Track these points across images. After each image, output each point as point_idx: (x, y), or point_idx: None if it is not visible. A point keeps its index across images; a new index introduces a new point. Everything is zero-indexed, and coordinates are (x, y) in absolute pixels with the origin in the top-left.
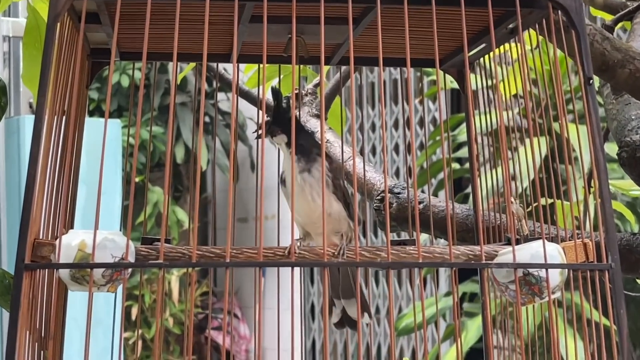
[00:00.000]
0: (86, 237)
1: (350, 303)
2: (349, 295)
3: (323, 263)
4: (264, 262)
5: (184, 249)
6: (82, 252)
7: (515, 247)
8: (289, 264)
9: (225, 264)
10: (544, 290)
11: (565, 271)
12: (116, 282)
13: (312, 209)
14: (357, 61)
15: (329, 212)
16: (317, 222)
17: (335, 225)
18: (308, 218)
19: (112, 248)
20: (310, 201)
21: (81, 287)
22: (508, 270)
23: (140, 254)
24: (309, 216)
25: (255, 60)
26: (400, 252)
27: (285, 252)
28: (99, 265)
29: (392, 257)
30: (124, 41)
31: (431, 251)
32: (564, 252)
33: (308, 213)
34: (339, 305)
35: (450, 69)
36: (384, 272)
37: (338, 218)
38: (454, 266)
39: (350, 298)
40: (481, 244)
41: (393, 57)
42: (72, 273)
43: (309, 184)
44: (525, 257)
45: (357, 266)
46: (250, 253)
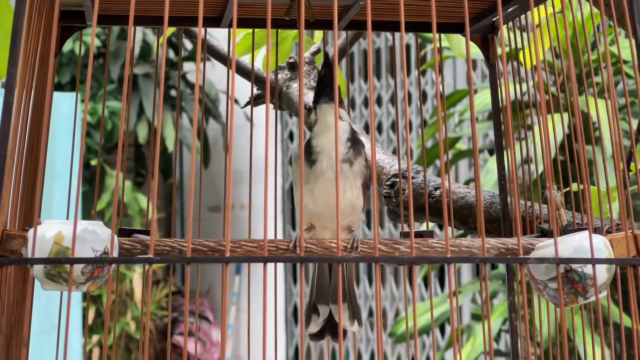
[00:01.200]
0: (63, 228)
1: (343, 308)
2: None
3: (337, 258)
4: (269, 257)
5: (174, 242)
6: (59, 246)
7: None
8: (296, 259)
9: (224, 259)
10: (589, 289)
11: (612, 267)
12: (97, 279)
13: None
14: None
15: (354, 205)
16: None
17: (354, 220)
18: (327, 210)
19: (93, 240)
20: (340, 194)
21: (57, 286)
22: (548, 266)
23: (124, 248)
24: (329, 209)
25: (250, 24)
26: (422, 246)
27: (291, 246)
28: (80, 261)
29: (414, 251)
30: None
31: (457, 244)
32: (611, 245)
33: (330, 205)
34: (324, 312)
35: (473, 34)
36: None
37: (359, 212)
38: (485, 261)
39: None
40: (518, 235)
41: (409, 21)
42: (47, 269)
43: (345, 176)
44: (567, 251)
45: (376, 261)
46: (250, 246)
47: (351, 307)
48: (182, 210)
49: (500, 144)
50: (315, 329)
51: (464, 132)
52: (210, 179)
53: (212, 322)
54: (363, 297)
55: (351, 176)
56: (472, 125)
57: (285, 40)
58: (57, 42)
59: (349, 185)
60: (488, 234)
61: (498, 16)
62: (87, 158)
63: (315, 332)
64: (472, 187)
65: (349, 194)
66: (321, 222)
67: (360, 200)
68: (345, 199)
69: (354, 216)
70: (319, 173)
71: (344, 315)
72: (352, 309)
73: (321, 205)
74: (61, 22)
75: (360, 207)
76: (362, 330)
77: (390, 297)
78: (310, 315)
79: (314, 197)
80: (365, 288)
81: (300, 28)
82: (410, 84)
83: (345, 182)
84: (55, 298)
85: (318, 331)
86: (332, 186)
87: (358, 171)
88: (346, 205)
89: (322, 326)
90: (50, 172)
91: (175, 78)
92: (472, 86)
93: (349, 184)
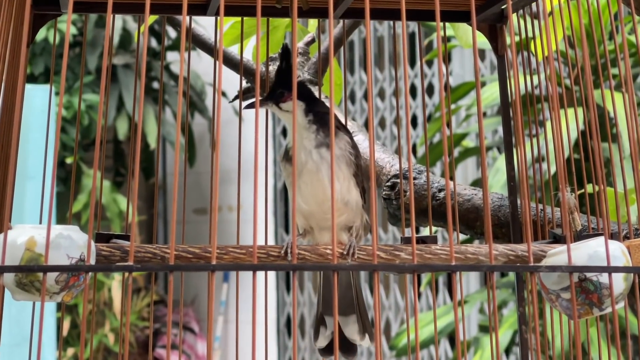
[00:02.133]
0: (35, 233)
1: (349, 321)
2: (348, 310)
3: (331, 266)
4: (259, 265)
5: (155, 248)
6: (31, 252)
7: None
8: (288, 267)
9: (210, 267)
10: (605, 299)
11: (630, 276)
12: (73, 289)
13: (326, 195)
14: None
15: (347, 200)
16: (329, 212)
17: (349, 218)
18: (318, 206)
19: (68, 247)
20: (326, 185)
21: (29, 296)
22: (560, 274)
23: (102, 254)
24: (319, 204)
25: (238, 12)
26: (424, 253)
27: (282, 252)
28: (54, 269)
29: (416, 258)
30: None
31: (462, 251)
32: (629, 252)
33: (320, 200)
34: (331, 323)
35: (480, 24)
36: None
37: (355, 209)
38: (493, 270)
39: (349, 314)
40: (528, 241)
41: (411, 9)
42: (19, 278)
43: (327, 163)
44: (581, 259)
45: (375, 270)
46: (239, 253)
47: (361, 320)
48: (165, 212)
49: (510, 142)
50: (324, 342)
51: (471, 128)
52: (195, 178)
53: (198, 334)
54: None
55: (337, 168)
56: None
57: (277, 29)
58: (29, 31)
59: (336, 177)
60: (496, 239)
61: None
62: (62, 156)
63: (324, 346)
64: (479, 188)
65: (337, 185)
66: (315, 222)
67: (354, 194)
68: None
69: (349, 213)
70: (301, 167)
71: (353, 328)
72: (362, 322)
73: (310, 201)
74: (34, 9)
75: (355, 202)
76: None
77: (394, 307)
78: (319, 328)
79: (302, 193)
80: (367, 297)
81: (293, 16)
82: (416, 76)
83: (328, 170)
84: (28, 308)
85: (327, 345)
86: (316, 177)
87: (339, 155)
88: (336, 199)
89: (332, 339)
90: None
91: (157, 69)
92: (479, 79)
93: (335, 176)
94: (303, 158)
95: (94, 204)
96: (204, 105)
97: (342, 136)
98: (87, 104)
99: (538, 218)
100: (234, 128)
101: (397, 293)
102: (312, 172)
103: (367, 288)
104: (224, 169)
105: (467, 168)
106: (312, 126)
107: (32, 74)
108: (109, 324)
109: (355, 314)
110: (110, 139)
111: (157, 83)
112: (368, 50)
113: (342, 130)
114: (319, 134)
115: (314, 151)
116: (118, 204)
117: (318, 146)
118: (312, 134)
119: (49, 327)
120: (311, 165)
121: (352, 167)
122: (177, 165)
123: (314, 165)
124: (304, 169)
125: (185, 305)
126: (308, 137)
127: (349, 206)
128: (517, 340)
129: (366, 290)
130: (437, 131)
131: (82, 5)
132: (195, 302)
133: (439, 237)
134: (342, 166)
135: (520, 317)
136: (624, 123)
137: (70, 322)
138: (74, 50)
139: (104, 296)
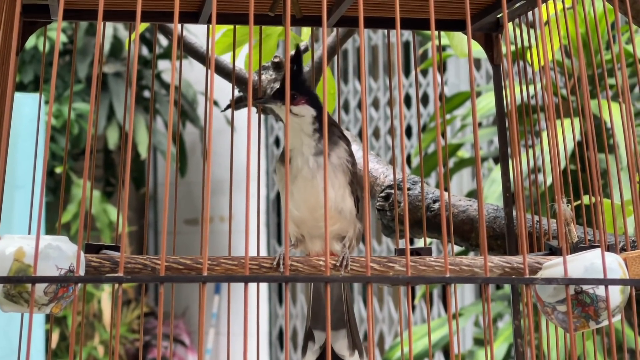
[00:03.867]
0: (24, 243)
1: (338, 335)
2: (338, 324)
3: (324, 278)
4: (251, 276)
5: (146, 259)
6: (20, 263)
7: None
8: (280, 278)
9: (201, 279)
10: (601, 312)
11: (627, 289)
12: (62, 300)
13: (319, 202)
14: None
15: (340, 208)
16: (321, 220)
17: (343, 227)
18: (310, 214)
19: (57, 257)
20: (319, 192)
21: (17, 307)
22: (556, 287)
23: (91, 265)
24: (312, 212)
25: (231, 20)
26: (419, 264)
27: (274, 264)
28: (42, 280)
29: (410, 270)
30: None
31: (457, 263)
32: (626, 264)
33: (312, 206)
34: (320, 338)
35: (476, 32)
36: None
37: (349, 217)
38: (488, 282)
39: (339, 329)
40: (524, 253)
41: (406, 18)
42: (7, 289)
43: (321, 170)
44: (577, 271)
45: (368, 282)
46: (230, 264)
47: (351, 334)
48: (155, 222)
49: (506, 153)
50: (312, 358)
51: (466, 139)
52: (186, 188)
53: (189, 346)
54: (358, 319)
55: (330, 170)
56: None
57: (270, 37)
58: (19, 38)
59: (330, 182)
60: (491, 251)
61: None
62: (51, 165)
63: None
64: (474, 200)
65: (331, 193)
66: (307, 230)
67: (349, 203)
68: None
69: (343, 222)
70: (295, 172)
71: (343, 343)
72: (351, 337)
73: (303, 207)
74: (23, 17)
75: (349, 211)
76: None
77: (388, 320)
78: (307, 343)
79: (295, 199)
80: (360, 309)
81: (286, 25)
82: (411, 86)
83: (323, 182)
84: (16, 320)
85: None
86: (310, 184)
87: (337, 164)
88: (329, 207)
89: (320, 354)
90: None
91: (148, 77)
92: (475, 88)
93: (330, 180)
94: (299, 164)
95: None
96: (195, 114)
97: (341, 144)
98: (77, 113)
99: (534, 230)
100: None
101: (390, 305)
102: (306, 179)
103: (361, 300)
104: (215, 179)
105: (462, 178)
106: (315, 134)
107: (21, 82)
108: (98, 336)
109: (346, 329)
110: (100, 148)
111: (148, 92)
112: (362, 59)
113: (342, 139)
114: (320, 143)
115: (312, 158)
116: (108, 214)
117: (317, 154)
118: (313, 142)
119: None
120: (306, 172)
121: (348, 175)
122: (167, 175)
123: (309, 172)
124: (298, 175)
125: (176, 317)
126: (309, 145)
127: (342, 214)
128: (512, 354)
129: (359, 302)
130: (432, 141)
131: (73, 13)
132: (186, 314)
133: (434, 249)
134: (339, 174)
135: (516, 330)
136: (621, 134)
137: (59, 335)
138: (64, 58)
139: (94, 308)
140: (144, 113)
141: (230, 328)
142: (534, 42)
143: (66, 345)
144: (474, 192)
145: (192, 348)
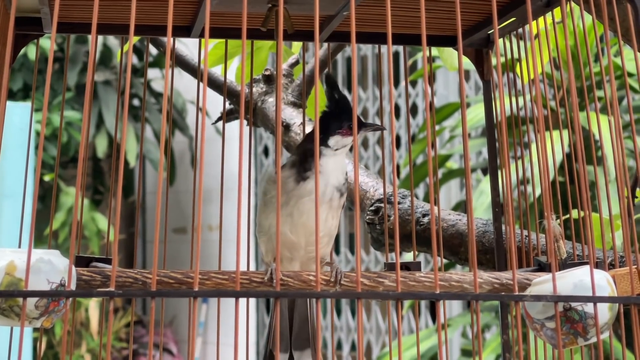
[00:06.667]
0: (15, 257)
1: (305, 355)
2: (303, 345)
3: (315, 293)
4: (241, 291)
5: (137, 273)
6: (11, 277)
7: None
8: (271, 294)
9: (192, 294)
10: (590, 329)
11: (615, 306)
12: (53, 314)
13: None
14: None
15: (331, 235)
16: (312, 245)
17: (326, 252)
18: (304, 237)
19: (49, 271)
20: (322, 221)
21: (8, 321)
22: (545, 304)
23: (82, 279)
24: (306, 235)
25: (223, 34)
26: (409, 280)
27: (266, 278)
28: (34, 294)
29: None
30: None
31: (447, 279)
32: (614, 281)
33: (309, 232)
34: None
35: (466, 48)
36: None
37: (331, 245)
38: (477, 298)
39: (304, 349)
40: (513, 270)
41: (397, 33)
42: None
43: (330, 205)
44: (566, 288)
45: (358, 297)
46: (221, 279)
47: (315, 355)
48: (144, 231)
49: (495, 168)
50: None
51: (455, 150)
52: (175, 197)
53: (176, 355)
54: (345, 330)
55: (336, 207)
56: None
57: (261, 50)
58: (12, 51)
59: (331, 214)
60: (481, 265)
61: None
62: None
63: None
64: (463, 214)
65: (330, 223)
66: (292, 252)
67: (335, 232)
68: (325, 227)
69: (328, 248)
70: (305, 192)
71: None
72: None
73: (299, 231)
74: (16, 30)
75: (333, 238)
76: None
77: (375, 330)
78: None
79: (293, 221)
80: (349, 320)
81: (278, 40)
82: (400, 96)
83: (329, 211)
84: (5, 331)
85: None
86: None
87: (343, 203)
88: (324, 234)
89: None
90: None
91: (138, 86)
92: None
93: (332, 213)
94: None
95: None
96: (184, 123)
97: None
98: (65, 121)
99: (523, 244)
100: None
101: (378, 315)
102: (307, 208)
103: (349, 310)
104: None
105: (450, 190)
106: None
107: (10, 89)
108: (85, 345)
109: (311, 349)
110: (89, 156)
111: (137, 100)
112: (353, 74)
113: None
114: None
115: (330, 186)
116: (96, 222)
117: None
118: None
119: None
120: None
121: (344, 197)
122: (160, 184)
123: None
124: (306, 197)
125: (163, 326)
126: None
127: (330, 241)
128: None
129: (347, 313)
130: (421, 152)
131: (65, 26)
132: (174, 323)
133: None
134: (342, 201)
135: (504, 344)
136: (609, 146)
137: (46, 343)
138: (54, 66)
139: (81, 316)
140: (133, 121)
141: (219, 338)
142: (523, 54)
143: (53, 354)
144: (462, 203)
145: (179, 357)
